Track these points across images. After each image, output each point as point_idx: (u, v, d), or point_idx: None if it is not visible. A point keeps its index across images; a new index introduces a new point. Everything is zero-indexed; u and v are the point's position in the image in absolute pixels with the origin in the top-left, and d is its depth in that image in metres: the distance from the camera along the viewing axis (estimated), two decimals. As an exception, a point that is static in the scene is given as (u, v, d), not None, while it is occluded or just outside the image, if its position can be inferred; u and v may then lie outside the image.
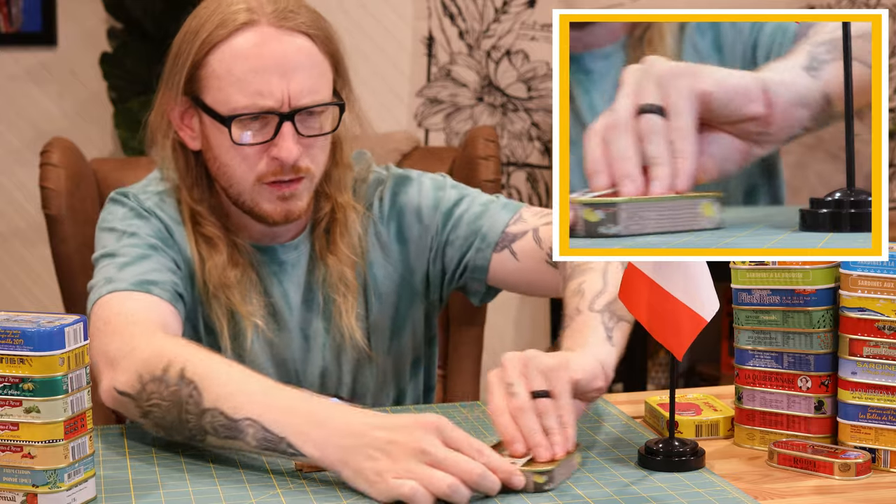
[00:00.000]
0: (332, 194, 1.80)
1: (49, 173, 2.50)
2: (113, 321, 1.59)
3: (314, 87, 1.68)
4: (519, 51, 3.95)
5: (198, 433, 1.46)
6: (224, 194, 1.76)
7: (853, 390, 1.47)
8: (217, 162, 1.72)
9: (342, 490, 1.38)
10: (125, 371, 1.51)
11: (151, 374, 1.48)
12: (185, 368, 1.47)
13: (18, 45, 3.80)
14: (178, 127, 1.75)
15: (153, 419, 1.49)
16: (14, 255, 3.89)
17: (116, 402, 1.54)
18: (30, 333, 1.28)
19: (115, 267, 1.67)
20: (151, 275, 1.66)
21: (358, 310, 1.80)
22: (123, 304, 1.61)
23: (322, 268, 1.79)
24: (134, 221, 1.73)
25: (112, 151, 3.86)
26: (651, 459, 1.45)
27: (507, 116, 3.98)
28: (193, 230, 1.75)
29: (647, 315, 1.45)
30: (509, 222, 1.78)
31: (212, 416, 1.43)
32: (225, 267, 1.73)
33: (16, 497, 1.31)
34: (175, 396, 1.46)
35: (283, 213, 1.72)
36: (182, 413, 1.46)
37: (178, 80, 1.71)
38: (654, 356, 3.94)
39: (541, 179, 4.01)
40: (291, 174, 1.69)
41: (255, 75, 1.66)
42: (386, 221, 1.84)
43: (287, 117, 1.66)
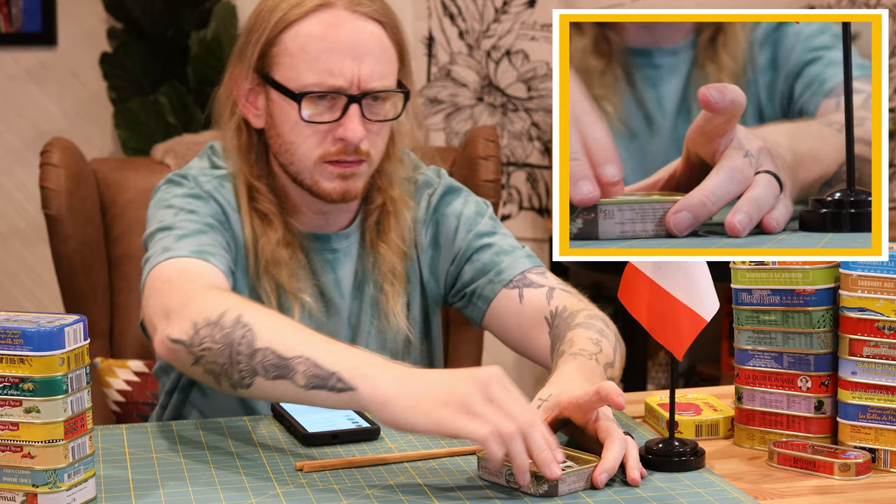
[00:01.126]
0: (384, 187, 1.84)
1: (49, 173, 2.50)
2: (172, 280, 1.61)
3: (383, 72, 1.73)
4: (519, 51, 3.95)
5: (247, 375, 1.46)
6: (283, 172, 1.79)
7: (853, 390, 1.47)
8: (280, 139, 1.76)
9: (342, 490, 1.38)
10: (180, 320, 1.53)
11: (206, 320, 1.50)
12: (241, 314, 1.49)
13: (18, 45, 3.80)
14: (242, 105, 1.79)
15: (203, 364, 1.50)
16: (14, 255, 3.89)
17: (169, 352, 1.54)
18: (30, 333, 1.28)
19: (173, 238, 1.69)
20: (208, 247, 1.68)
21: (402, 300, 1.84)
22: (183, 267, 1.64)
23: (372, 257, 1.83)
24: (192, 201, 1.76)
25: (112, 151, 3.86)
26: (651, 459, 1.45)
27: (507, 116, 3.98)
28: (249, 206, 1.78)
29: (646, 315, 1.45)
30: (532, 269, 1.82)
31: (263, 355, 1.44)
32: (278, 244, 1.77)
33: (16, 497, 1.31)
34: (228, 339, 1.47)
35: (341, 191, 1.75)
36: (233, 354, 1.46)
37: (250, 56, 1.76)
38: (654, 356, 3.94)
39: (541, 179, 4.01)
40: (354, 156, 1.73)
41: (327, 55, 1.70)
42: (426, 224, 1.88)
43: (355, 99, 1.71)
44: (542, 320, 1.76)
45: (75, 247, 2.53)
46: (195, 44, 3.69)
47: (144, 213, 2.68)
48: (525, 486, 1.36)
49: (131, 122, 3.68)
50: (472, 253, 1.85)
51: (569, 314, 1.71)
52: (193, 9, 3.72)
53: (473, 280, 1.84)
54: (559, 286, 1.79)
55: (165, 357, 1.56)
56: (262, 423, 1.64)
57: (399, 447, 1.54)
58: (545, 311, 1.76)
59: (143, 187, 2.68)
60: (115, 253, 2.65)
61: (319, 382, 1.40)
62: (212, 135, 2.80)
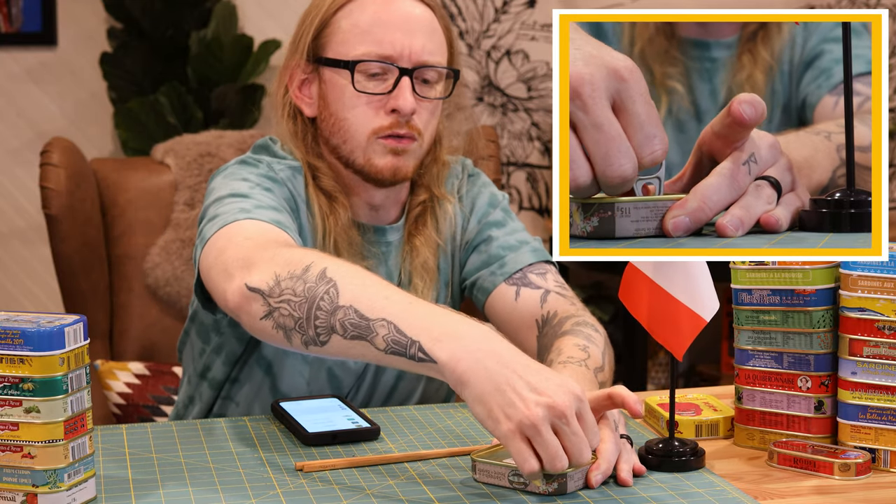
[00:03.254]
0: (429, 185, 1.87)
1: (49, 173, 2.50)
2: (255, 237, 1.59)
3: (433, 49, 1.78)
4: (519, 51, 3.95)
5: (323, 332, 1.43)
6: (335, 158, 1.80)
7: (853, 390, 1.47)
8: (334, 118, 1.78)
9: (342, 490, 1.38)
10: (262, 271, 1.49)
11: (290, 273, 1.47)
12: (327, 269, 1.46)
13: (18, 45, 3.80)
14: (295, 95, 1.82)
15: (277, 317, 1.47)
16: (14, 255, 3.89)
17: (244, 300, 1.50)
18: (30, 333, 1.28)
19: (251, 205, 1.67)
20: (286, 222, 1.67)
21: (432, 295, 1.85)
22: (265, 228, 1.62)
23: (411, 251, 1.85)
24: (267, 181, 1.76)
25: (112, 151, 3.86)
26: (651, 459, 1.45)
27: (507, 116, 3.98)
28: (315, 185, 1.80)
29: (647, 315, 1.45)
30: (534, 266, 1.82)
31: (345, 312, 1.41)
32: (349, 223, 1.79)
33: (16, 497, 1.31)
34: (311, 293, 1.44)
35: (392, 168, 1.77)
36: (313, 309, 1.43)
37: (304, 41, 1.79)
38: (653, 356, 3.94)
39: (541, 179, 4.01)
40: (406, 129, 1.76)
41: (379, 27, 1.75)
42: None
43: (407, 72, 1.74)
44: (532, 323, 1.77)
45: (75, 247, 2.53)
46: (195, 44, 3.69)
47: (144, 214, 2.69)
48: (532, 486, 1.36)
49: (131, 122, 3.68)
50: (479, 243, 1.88)
51: (558, 321, 1.72)
52: (193, 9, 3.71)
53: (477, 270, 1.86)
54: (556, 289, 1.80)
55: (235, 307, 1.52)
56: (262, 423, 1.64)
57: (399, 447, 1.54)
58: (537, 314, 1.77)
59: (143, 187, 2.69)
60: (115, 253, 2.65)
61: (400, 349, 1.37)
62: (212, 135, 2.81)
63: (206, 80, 3.71)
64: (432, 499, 1.37)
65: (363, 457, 1.49)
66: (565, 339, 1.66)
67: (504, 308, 1.81)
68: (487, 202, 1.91)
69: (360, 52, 1.74)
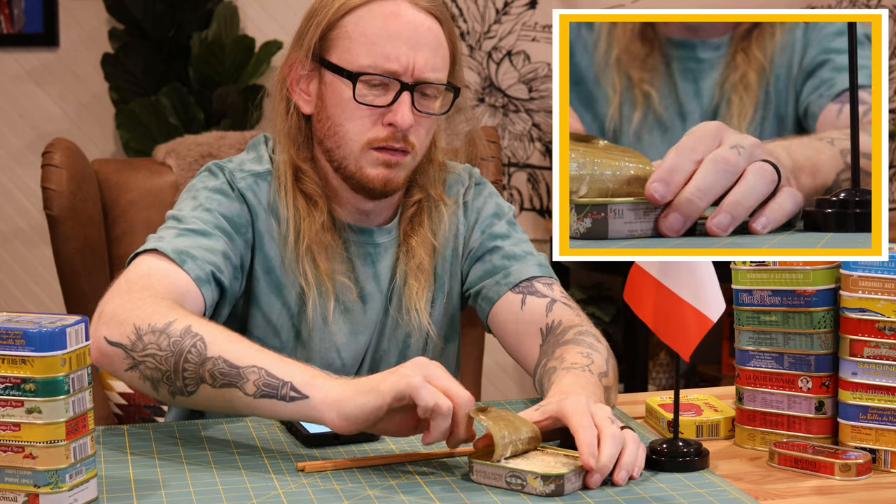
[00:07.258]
0: (424, 185, 1.87)
1: (51, 174, 2.50)
2: (132, 282, 1.63)
3: (437, 65, 1.77)
4: (520, 52, 3.95)
5: (191, 383, 1.49)
6: (327, 161, 1.80)
7: (854, 391, 1.47)
8: (330, 121, 1.78)
9: (343, 490, 1.39)
10: (120, 324, 1.54)
11: (151, 327, 1.52)
12: (191, 325, 1.51)
13: (20, 47, 3.80)
14: (293, 90, 1.81)
15: (142, 370, 1.52)
16: (16, 256, 3.89)
17: (102, 353, 1.55)
18: (31, 334, 1.28)
19: (175, 231, 1.71)
20: (197, 251, 1.69)
21: (426, 297, 1.85)
22: (151, 269, 1.65)
23: (405, 252, 1.85)
24: (217, 197, 1.77)
25: (114, 152, 3.86)
26: (655, 460, 1.45)
27: (508, 117, 3.98)
28: (294, 187, 1.80)
29: (652, 316, 1.45)
30: (539, 278, 1.82)
31: (213, 363, 1.48)
32: (323, 227, 1.79)
33: (17, 497, 1.31)
34: (176, 346, 1.49)
35: (384, 179, 1.77)
36: (181, 362, 1.49)
37: (310, 39, 1.79)
38: (654, 357, 3.94)
39: (542, 180, 4.01)
40: (401, 143, 1.75)
41: (385, 40, 1.74)
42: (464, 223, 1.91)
43: (408, 87, 1.74)
44: (537, 331, 1.76)
45: (77, 247, 2.53)
46: (196, 45, 3.69)
47: (146, 214, 2.69)
48: (529, 487, 1.36)
49: (133, 123, 3.68)
50: (483, 253, 1.87)
51: (561, 330, 1.72)
52: (195, 10, 3.72)
53: (481, 280, 1.85)
54: (561, 299, 1.80)
55: (96, 358, 1.56)
56: (263, 423, 1.64)
57: (399, 447, 1.54)
58: (542, 322, 1.77)
59: (145, 188, 2.69)
60: (116, 254, 2.65)
61: (270, 391, 1.45)
62: (214, 136, 2.81)
63: (208, 81, 3.72)
64: (433, 499, 1.37)
65: (364, 457, 1.49)
66: (567, 347, 1.66)
67: (509, 316, 1.81)
68: (493, 212, 1.90)
69: (364, 64, 1.73)
